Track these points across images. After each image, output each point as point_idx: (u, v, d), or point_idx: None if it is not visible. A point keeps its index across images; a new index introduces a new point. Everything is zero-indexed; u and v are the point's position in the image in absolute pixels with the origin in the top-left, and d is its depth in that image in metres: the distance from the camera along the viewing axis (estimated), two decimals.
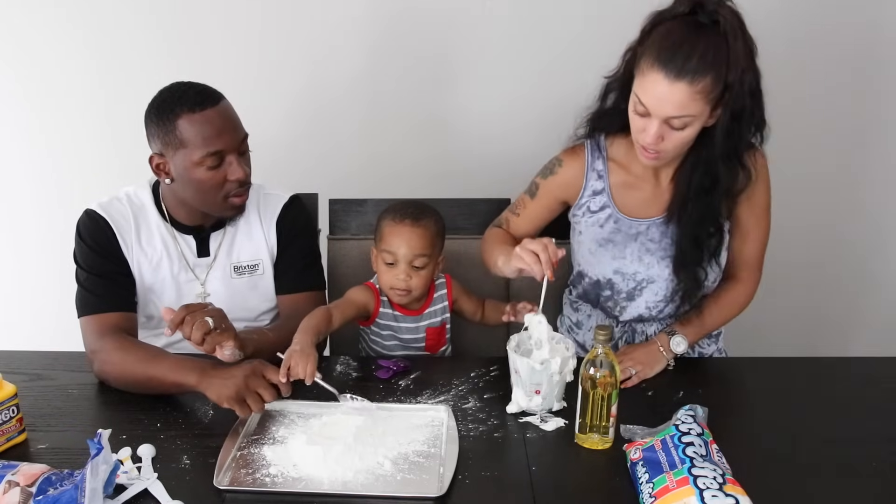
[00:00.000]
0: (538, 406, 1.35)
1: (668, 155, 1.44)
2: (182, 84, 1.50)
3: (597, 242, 1.60)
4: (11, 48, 2.17)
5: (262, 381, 1.32)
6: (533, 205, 1.66)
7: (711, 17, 1.32)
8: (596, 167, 1.58)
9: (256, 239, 1.64)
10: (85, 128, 2.24)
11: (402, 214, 1.60)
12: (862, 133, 2.29)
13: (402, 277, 1.58)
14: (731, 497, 1.05)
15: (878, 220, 2.39)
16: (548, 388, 1.34)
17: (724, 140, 1.40)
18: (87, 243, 1.54)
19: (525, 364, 1.32)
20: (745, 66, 1.32)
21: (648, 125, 1.38)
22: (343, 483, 1.18)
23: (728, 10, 1.33)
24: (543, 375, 1.32)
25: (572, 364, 1.35)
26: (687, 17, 1.34)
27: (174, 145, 1.47)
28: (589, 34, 2.15)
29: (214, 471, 1.18)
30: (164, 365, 1.39)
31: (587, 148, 1.59)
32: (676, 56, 1.30)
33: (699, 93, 1.32)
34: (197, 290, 1.62)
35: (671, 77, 1.31)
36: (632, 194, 1.58)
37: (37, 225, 2.34)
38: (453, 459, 1.22)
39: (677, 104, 1.33)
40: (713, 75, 1.31)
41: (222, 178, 1.50)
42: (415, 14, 2.15)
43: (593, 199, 1.59)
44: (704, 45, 1.30)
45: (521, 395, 1.36)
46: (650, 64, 1.33)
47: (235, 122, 1.52)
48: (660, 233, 1.57)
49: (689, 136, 1.39)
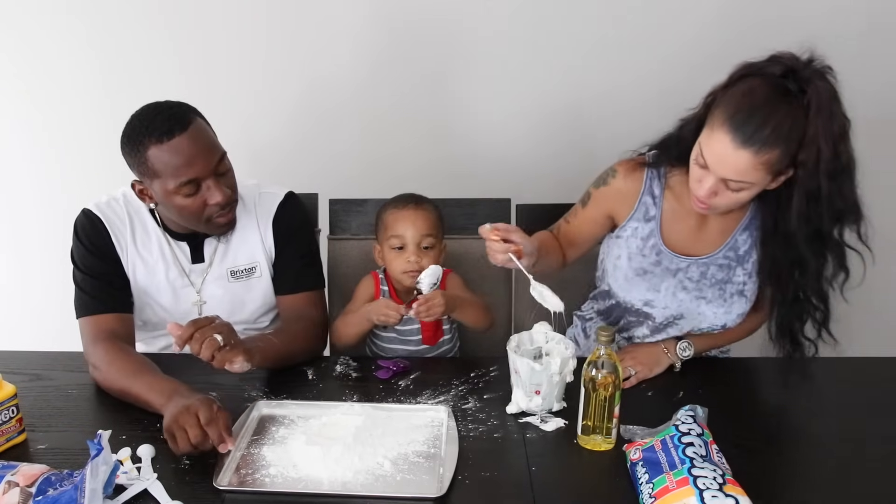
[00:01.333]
0: (538, 406, 1.35)
1: (718, 209, 1.41)
2: (150, 109, 1.44)
3: (634, 271, 1.55)
4: (16, 45, 2.17)
5: (193, 419, 1.21)
6: (583, 213, 1.60)
7: (800, 87, 1.25)
8: (653, 191, 1.52)
9: (252, 242, 1.62)
10: (88, 127, 2.24)
11: (403, 201, 1.66)
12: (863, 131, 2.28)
13: (414, 259, 1.61)
14: (730, 497, 1.05)
15: (878, 220, 2.39)
16: (548, 389, 1.34)
17: (800, 223, 1.33)
18: (83, 243, 1.53)
19: (525, 364, 1.32)
20: (824, 146, 1.25)
21: (705, 178, 1.34)
22: (343, 483, 1.18)
23: (822, 84, 1.25)
24: (543, 376, 1.32)
25: (572, 364, 1.35)
26: (776, 79, 1.27)
27: (149, 175, 1.44)
28: (591, 38, 2.15)
29: (214, 471, 1.18)
30: (140, 382, 1.36)
31: (648, 170, 1.53)
32: (749, 122, 1.25)
33: (763, 164, 1.27)
34: (193, 298, 1.61)
35: (738, 143, 1.26)
36: (679, 228, 1.53)
37: (38, 224, 2.34)
38: (453, 460, 1.21)
39: (737, 170, 1.29)
40: (782, 149, 1.26)
41: (202, 203, 1.46)
42: (417, 16, 2.15)
43: (643, 224, 1.54)
44: (782, 116, 1.24)
45: (521, 395, 1.36)
46: (721, 122, 1.28)
47: (208, 145, 1.46)
48: (699, 273, 1.53)
49: (743, 198, 1.35)
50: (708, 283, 1.53)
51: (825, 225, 1.34)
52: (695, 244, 1.53)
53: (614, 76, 2.18)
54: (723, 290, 1.53)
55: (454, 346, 1.76)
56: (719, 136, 1.28)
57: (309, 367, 1.54)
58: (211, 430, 1.20)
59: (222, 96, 2.19)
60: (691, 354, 1.55)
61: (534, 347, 1.42)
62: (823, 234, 1.35)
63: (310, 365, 1.55)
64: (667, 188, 1.52)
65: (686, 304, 1.55)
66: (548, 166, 2.25)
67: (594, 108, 2.23)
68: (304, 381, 1.50)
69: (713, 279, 1.53)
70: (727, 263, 1.52)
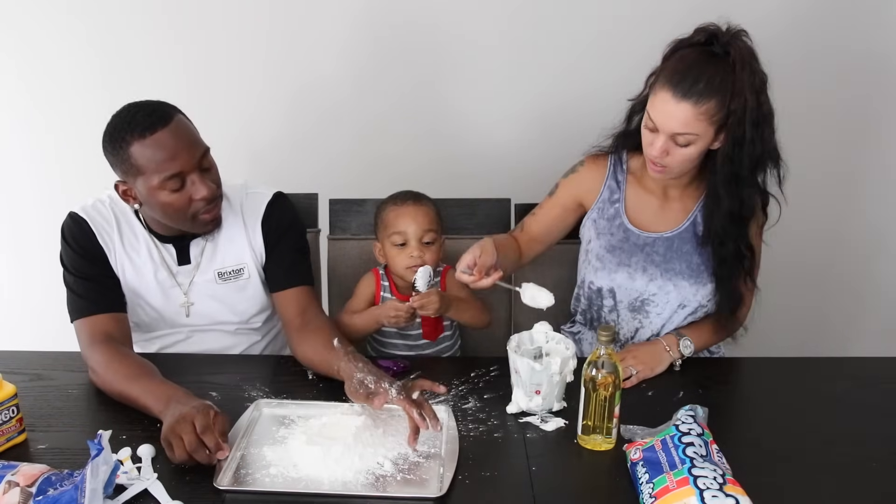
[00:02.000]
0: (538, 406, 1.35)
1: (672, 170, 1.52)
2: (132, 107, 1.44)
3: (605, 248, 1.64)
4: (16, 45, 2.17)
5: (189, 426, 1.19)
6: (550, 202, 1.71)
7: (724, 49, 1.42)
8: (616, 176, 1.66)
9: (239, 243, 1.61)
10: (88, 127, 2.21)
11: (402, 198, 1.68)
12: (863, 133, 2.29)
13: (416, 255, 1.62)
14: (731, 497, 1.05)
15: (878, 220, 2.39)
16: (548, 389, 1.34)
17: (723, 164, 1.48)
18: (71, 246, 1.53)
19: (525, 364, 1.33)
20: (749, 96, 1.41)
21: (656, 140, 1.47)
22: (343, 483, 1.18)
23: (741, 43, 1.43)
24: (543, 376, 1.32)
25: (572, 364, 1.35)
26: (702, 47, 1.45)
27: (133, 173, 1.43)
28: (591, 37, 2.16)
29: (214, 471, 1.18)
30: (138, 387, 1.35)
31: (610, 158, 1.68)
32: (685, 79, 1.41)
33: (703, 114, 1.41)
34: (181, 300, 1.61)
35: (678, 96, 1.41)
36: (642, 208, 1.65)
37: (37, 225, 2.34)
38: (453, 459, 1.22)
39: (682, 122, 1.42)
40: (717, 100, 1.40)
41: (187, 199, 1.45)
42: (416, 15, 2.15)
43: (609, 206, 1.66)
44: (712, 71, 1.41)
45: (522, 395, 1.36)
46: (662, 84, 1.44)
47: (191, 140, 1.45)
48: (665, 247, 1.62)
49: (691, 153, 1.47)
50: (675, 257, 1.61)
51: (744, 169, 1.47)
52: (658, 222, 1.64)
53: (612, 75, 2.17)
54: (689, 263, 1.60)
55: (455, 343, 1.77)
56: (662, 94, 1.44)
57: (309, 368, 1.53)
58: (207, 438, 1.19)
59: (223, 97, 2.19)
60: (692, 352, 1.57)
61: (534, 347, 1.42)
62: (741, 178, 1.49)
63: (310, 365, 1.54)
64: (629, 173, 1.67)
65: (657, 280, 1.61)
66: (547, 166, 2.23)
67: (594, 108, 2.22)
68: (304, 381, 1.50)
69: (679, 252, 1.61)
70: (690, 238, 1.61)
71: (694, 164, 1.52)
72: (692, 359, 1.67)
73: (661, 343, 1.56)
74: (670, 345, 1.56)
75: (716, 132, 1.45)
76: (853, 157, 2.31)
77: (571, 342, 1.39)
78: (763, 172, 1.51)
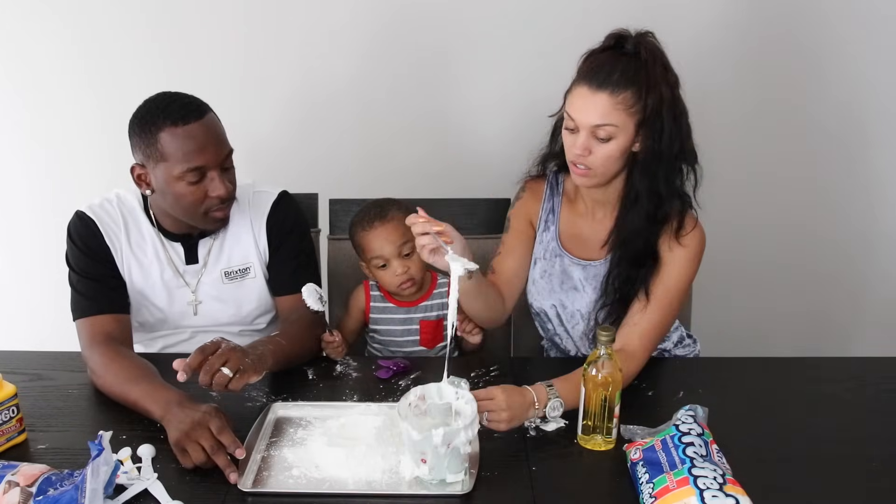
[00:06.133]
0: (426, 476, 1.17)
1: (596, 171, 1.46)
2: (168, 95, 1.47)
3: (540, 274, 1.63)
4: (4, 47, 2.16)
5: (206, 432, 1.21)
6: (509, 237, 1.65)
7: (634, 48, 1.43)
8: (553, 199, 1.65)
9: (245, 242, 1.61)
10: (80, 128, 2.23)
11: (368, 220, 1.65)
12: (860, 133, 2.29)
13: (401, 272, 1.62)
14: (731, 497, 1.05)
15: (878, 220, 2.39)
16: (434, 460, 1.15)
17: (644, 156, 1.45)
18: (77, 245, 1.53)
19: (406, 429, 1.16)
20: (664, 90, 1.41)
21: (577, 139, 1.44)
22: (368, 483, 1.18)
23: (649, 42, 1.44)
24: (427, 445, 1.14)
25: (470, 434, 1.16)
26: (612, 48, 1.45)
27: (155, 158, 1.44)
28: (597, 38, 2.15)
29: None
30: (137, 389, 1.35)
31: (548, 181, 1.66)
32: (600, 72, 1.41)
33: (620, 103, 1.40)
34: (188, 298, 1.61)
35: (594, 87, 1.40)
36: (573, 231, 1.62)
37: (35, 225, 2.34)
38: (476, 457, 1.21)
39: (600, 112, 1.40)
40: (633, 91, 1.40)
41: (203, 194, 1.47)
42: (412, 12, 2.15)
43: (546, 232, 1.63)
44: (625, 65, 1.41)
45: (409, 461, 1.19)
46: (577, 82, 1.44)
47: (220, 138, 1.48)
48: (593, 274, 1.59)
49: (612, 150, 1.43)
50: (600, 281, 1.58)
51: (663, 165, 1.45)
52: (585, 248, 1.61)
53: None
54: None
55: (455, 346, 1.76)
56: (578, 90, 1.43)
57: (309, 367, 1.54)
58: (225, 439, 1.20)
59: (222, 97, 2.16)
60: (560, 414, 1.34)
61: (443, 402, 1.24)
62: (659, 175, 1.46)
63: (310, 365, 1.55)
64: (563, 195, 1.65)
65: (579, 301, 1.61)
66: None
67: None
68: (304, 381, 1.50)
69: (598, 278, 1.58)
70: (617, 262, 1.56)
71: (617, 165, 1.46)
72: (692, 359, 1.67)
73: (532, 396, 1.33)
74: (540, 400, 1.33)
75: (636, 128, 1.42)
76: (850, 156, 2.30)
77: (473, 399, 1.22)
78: (681, 173, 1.48)
